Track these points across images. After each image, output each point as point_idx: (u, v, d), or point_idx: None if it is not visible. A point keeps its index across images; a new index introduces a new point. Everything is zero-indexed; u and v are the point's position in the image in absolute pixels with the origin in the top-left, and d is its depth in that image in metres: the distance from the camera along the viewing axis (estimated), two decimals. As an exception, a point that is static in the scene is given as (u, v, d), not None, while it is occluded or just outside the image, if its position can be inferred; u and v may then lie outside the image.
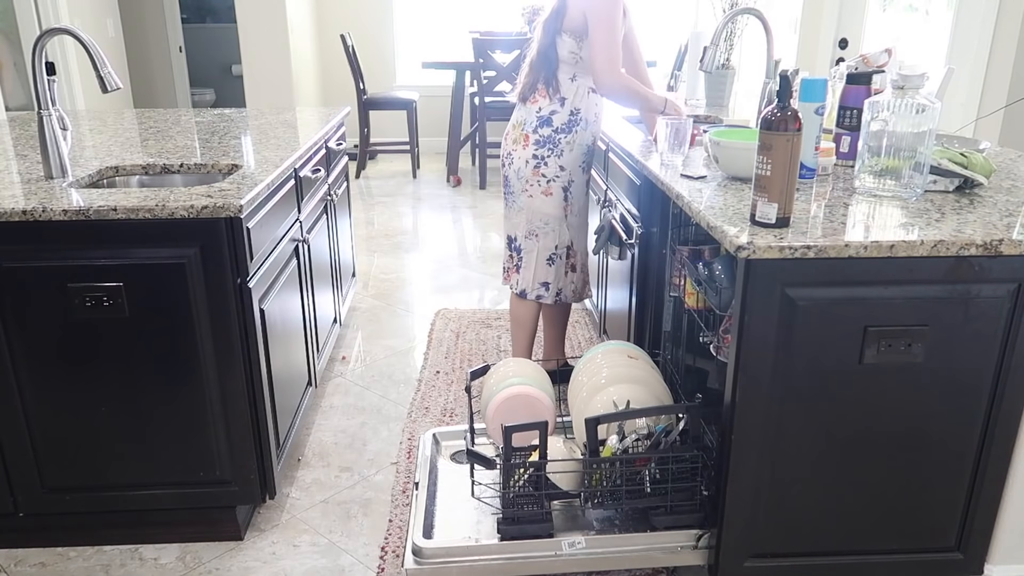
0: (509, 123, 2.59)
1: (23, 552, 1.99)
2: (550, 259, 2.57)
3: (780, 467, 1.61)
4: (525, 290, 2.61)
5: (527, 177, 2.49)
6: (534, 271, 2.59)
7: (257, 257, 1.90)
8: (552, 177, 2.48)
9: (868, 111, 1.74)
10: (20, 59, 4.42)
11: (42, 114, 1.91)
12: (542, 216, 2.52)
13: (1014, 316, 1.50)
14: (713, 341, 1.87)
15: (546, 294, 2.61)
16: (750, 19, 3.12)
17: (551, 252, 2.56)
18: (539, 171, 2.48)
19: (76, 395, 1.84)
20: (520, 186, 2.52)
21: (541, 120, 2.46)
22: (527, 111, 2.49)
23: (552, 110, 2.45)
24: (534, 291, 2.60)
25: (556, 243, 2.56)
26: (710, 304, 1.84)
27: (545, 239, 2.55)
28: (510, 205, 2.60)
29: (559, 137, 2.46)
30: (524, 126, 2.50)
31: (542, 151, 2.46)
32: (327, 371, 2.97)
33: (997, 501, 1.67)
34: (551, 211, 2.52)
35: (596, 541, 1.74)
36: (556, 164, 2.47)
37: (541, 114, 2.46)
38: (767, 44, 2.46)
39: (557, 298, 2.62)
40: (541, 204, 2.51)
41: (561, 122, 2.45)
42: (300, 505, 2.19)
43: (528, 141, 2.47)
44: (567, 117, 2.45)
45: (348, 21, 6.70)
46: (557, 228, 2.54)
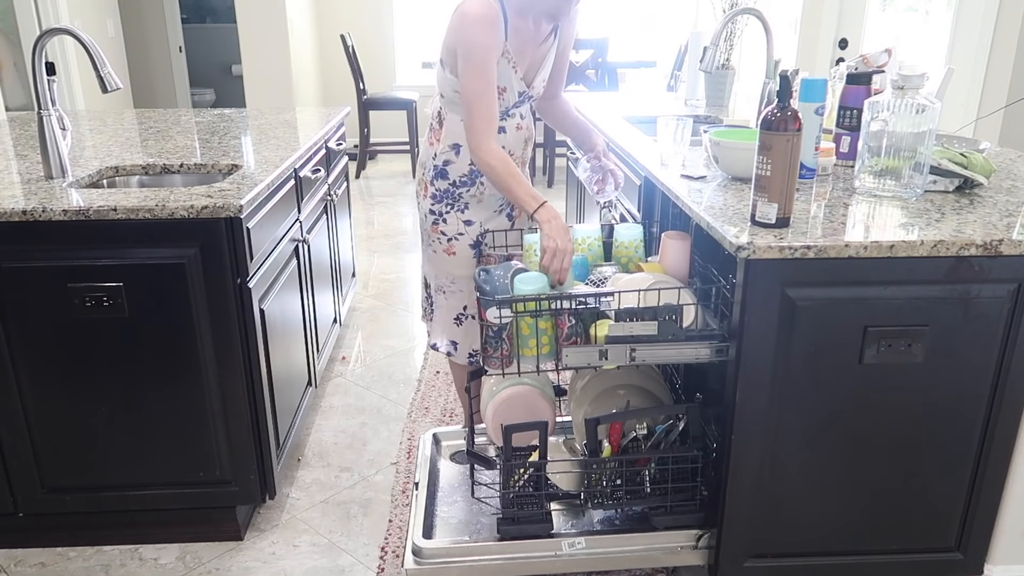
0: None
1: (23, 552, 1.99)
2: (457, 319, 2.13)
3: (780, 467, 1.61)
4: (436, 343, 2.20)
5: (428, 231, 2.07)
6: (443, 329, 2.17)
7: (257, 257, 1.90)
8: (454, 235, 2.02)
9: (868, 111, 1.74)
10: (20, 59, 4.42)
11: (42, 114, 1.91)
12: (447, 275, 2.09)
13: (1014, 316, 1.50)
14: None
15: (455, 352, 2.16)
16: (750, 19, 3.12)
17: (458, 312, 2.12)
18: (438, 228, 2.03)
19: (76, 395, 1.84)
20: (424, 238, 2.11)
21: (436, 170, 2.00)
22: (425, 151, 2.04)
23: (446, 159, 1.98)
24: (444, 346, 2.18)
25: (464, 303, 2.10)
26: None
27: (452, 298, 2.11)
28: (423, 249, 2.16)
29: (459, 191, 2.00)
30: (424, 170, 2.04)
31: (439, 206, 2.01)
32: (327, 371, 2.97)
33: (997, 501, 1.67)
34: (458, 271, 2.06)
35: (596, 541, 1.74)
36: (458, 220, 2.01)
37: (436, 162, 2.00)
38: (767, 44, 2.46)
39: (471, 359, 2.15)
40: (444, 263, 2.07)
41: (459, 174, 1.98)
42: (300, 505, 2.19)
43: (427, 192, 2.03)
44: (466, 167, 1.98)
45: (348, 21, 6.70)
46: (466, 287, 2.08)
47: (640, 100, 3.48)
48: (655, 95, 3.77)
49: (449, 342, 2.17)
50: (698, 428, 1.73)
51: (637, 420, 1.79)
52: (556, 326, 1.69)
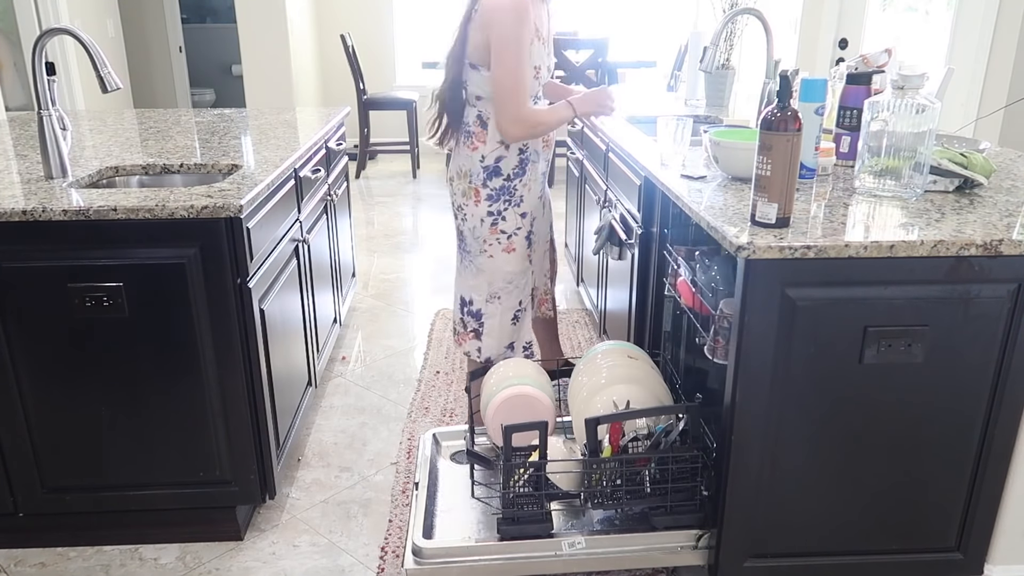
0: (452, 166, 2.21)
1: (23, 552, 1.99)
2: (515, 318, 2.22)
3: (780, 467, 1.61)
4: (491, 357, 2.25)
5: (484, 236, 2.15)
6: (498, 336, 2.23)
7: (257, 257, 1.90)
8: (512, 232, 2.16)
9: (868, 111, 1.74)
10: (20, 59, 4.42)
11: (42, 114, 1.91)
12: (504, 275, 2.19)
13: (1014, 316, 1.50)
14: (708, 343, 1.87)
15: (512, 353, 2.27)
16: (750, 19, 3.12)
17: (516, 310, 2.22)
18: (497, 228, 2.14)
19: (76, 395, 1.84)
20: (478, 246, 2.18)
21: (488, 170, 2.11)
22: (468, 159, 2.13)
23: (497, 156, 2.09)
24: (500, 356, 2.25)
25: (521, 299, 2.22)
26: (706, 305, 1.84)
27: (508, 299, 2.20)
28: (466, 265, 2.24)
29: (513, 185, 2.13)
30: (471, 177, 2.13)
31: (497, 205, 2.13)
32: (327, 371, 2.97)
33: (997, 501, 1.67)
34: (515, 267, 2.19)
35: (596, 541, 1.74)
36: (515, 215, 2.14)
37: (486, 163, 2.11)
38: (767, 44, 2.46)
39: (526, 352, 2.29)
40: (503, 263, 2.18)
41: (512, 167, 2.12)
42: (300, 505, 2.19)
43: (480, 196, 2.13)
44: (517, 158, 2.12)
45: (348, 21, 6.70)
46: (522, 282, 2.21)
47: (640, 100, 3.48)
48: (655, 95, 3.77)
49: (506, 348, 2.25)
50: (698, 428, 1.73)
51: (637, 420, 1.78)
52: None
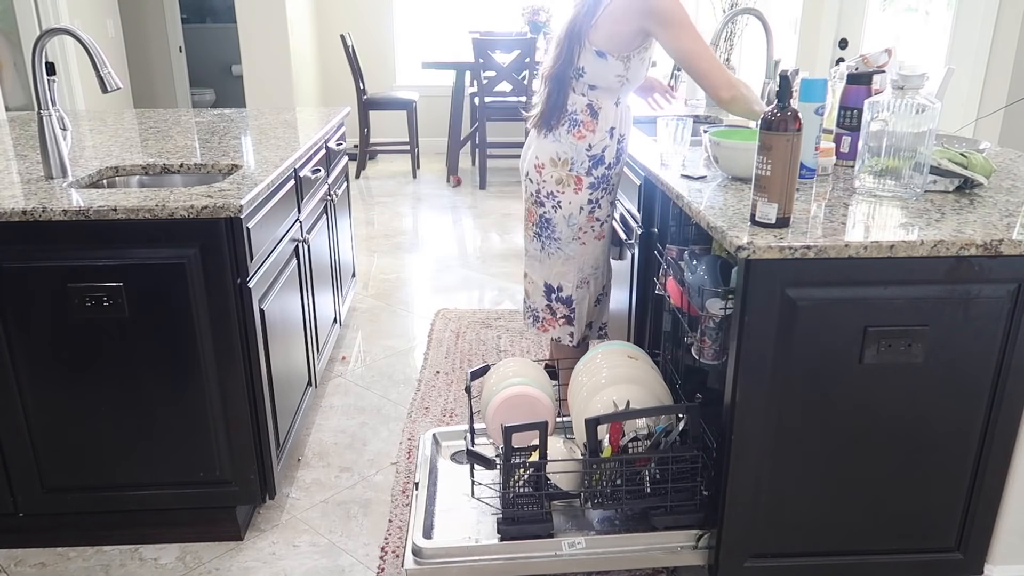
0: (543, 153, 2.17)
1: (23, 552, 1.99)
2: (598, 301, 2.35)
3: (780, 467, 1.61)
4: (583, 339, 2.36)
5: (581, 224, 2.20)
6: (587, 318, 2.35)
7: (257, 257, 1.90)
8: (604, 218, 2.24)
9: (868, 111, 1.74)
10: (20, 59, 4.42)
11: (42, 114, 1.91)
12: (593, 261, 2.27)
13: (1014, 316, 1.50)
14: (695, 343, 1.87)
15: (590, 333, 2.40)
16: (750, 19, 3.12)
17: (599, 294, 2.35)
18: (594, 216, 2.21)
19: (76, 395, 1.84)
20: (571, 233, 2.21)
21: (595, 159, 2.13)
22: (572, 147, 2.12)
23: (604, 145, 2.13)
24: (594, 336, 2.39)
25: (604, 283, 2.34)
26: (693, 305, 1.85)
27: (595, 284, 2.33)
28: (553, 253, 2.26)
29: (612, 173, 2.19)
30: (572, 165, 2.13)
31: (597, 193, 2.18)
32: (327, 371, 2.97)
33: (997, 501, 1.67)
34: (602, 254, 2.29)
35: (596, 541, 1.74)
36: (608, 202, 2.23)
37: (593, 152, 2.13)
38: (767, 44, 2.46)
39: (601, 332, 2.41)
40: (594, 249, 2.25)
41: (612, 156, 2.17)
42: (300, 505, 2.19)
43: (581, 184, 2.15)
44: (616, 147, 2.17)
45: (348, 21, 6.70)
46: (606, 266, 2.32)
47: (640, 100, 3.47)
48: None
49: (585, 327, 2.36)
50: (698, 428, 1.73)
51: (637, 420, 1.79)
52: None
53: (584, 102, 2.10)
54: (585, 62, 2.05)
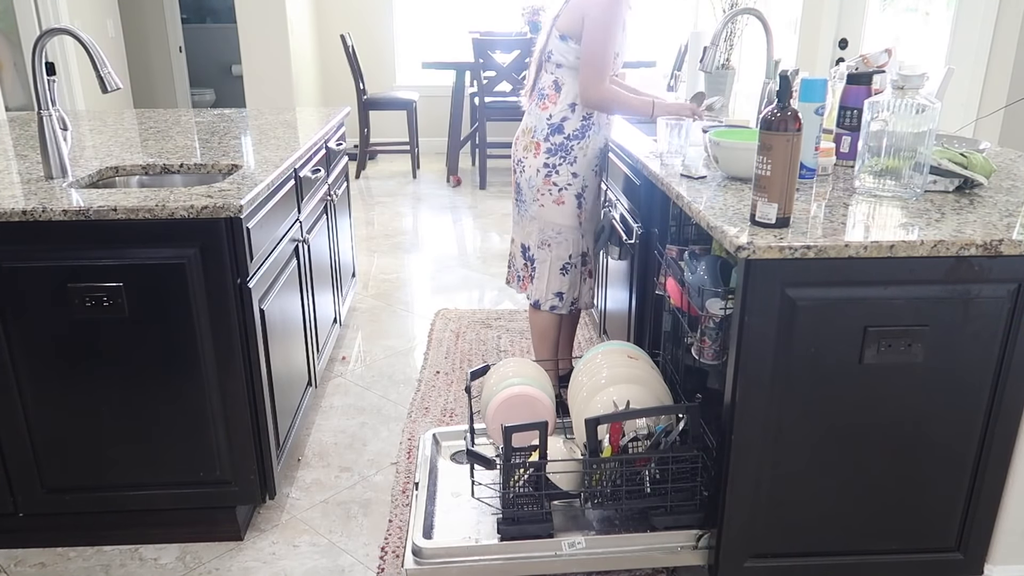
0: (519, 127, 2.49)
1: (23, 552, 1.99)
2: (563, 268, 2.48)
3: (780, 467, 1.61)
4: (539, 300, 2.52)
5: (538, 186, 2.41)
6: (547, 281, 2.49)
7: (257, 257, 1.90)
8: (564, 185, 2.39)
9: (868, 111, 1.74)
10: (20, 59, 4.42)
11: (42, 114, 1.91)
12: (554, 226, 2.44)
13: (1014, 316, 1.50)
14: (695, 343, 1.87)
15: (560, 304, 2.51)
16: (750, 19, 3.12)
17: (564, 262, 2.47)
18: (550, 180, 2.39)
19: (76, 395, 1.84)
20: (531, 195, 2.43)
21: (552, 127, 2.36)
22: (537, 117, 2.39)
23: (563, 116, 2.35)
24: (548, 302, 2.51)
25: (570, 252, 2.47)
26: (693, 305, 1.85)
27: (558, 248, 2.46)
28: (522, 213, 2.51)
29: (571, 144, 2.37)
30: (535, 132, 2.39)
31: (554, 159, 2.37)
32: (327, 371, 2.97)
33: (997, 501, 1.67)
34: (564, 221, 2.43)
35: (596, 541, 1.74)
36: (568, 172, 2.39)
37: (552, 121, 2.36)
38: (767, 44, 2.46)
39: (572, 307, 2.54)
40: (553, 214, 2.42)
41: (573, 128, 2.36)
42: (300, 505, 2.19)
43: (539, 149, 2.38)
44: (579, 123, 2.36)
45: (348, 21, 6.70)
46: (571, 237, 2.45)
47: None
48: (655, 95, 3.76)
49: (555, 295, 2.50)
50: (698, 428, 1.73)
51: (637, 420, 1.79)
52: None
53: (551, 79, 2.37)
54: (552, 45, 2.33)
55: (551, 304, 2.51)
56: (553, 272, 2.48)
